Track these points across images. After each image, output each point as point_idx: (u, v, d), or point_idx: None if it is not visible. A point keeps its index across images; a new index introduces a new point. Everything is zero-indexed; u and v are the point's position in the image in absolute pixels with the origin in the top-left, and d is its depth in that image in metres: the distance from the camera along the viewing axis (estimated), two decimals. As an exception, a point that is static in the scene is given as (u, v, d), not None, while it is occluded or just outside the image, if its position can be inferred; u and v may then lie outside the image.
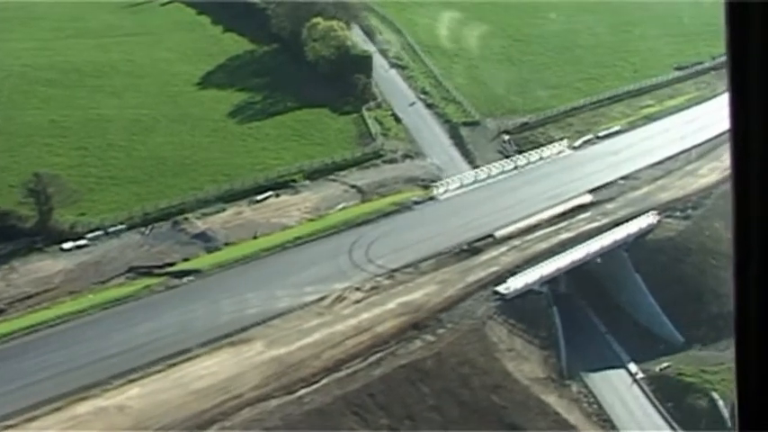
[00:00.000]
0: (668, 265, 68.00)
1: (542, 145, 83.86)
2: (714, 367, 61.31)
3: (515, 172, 77.71)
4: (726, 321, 64.48)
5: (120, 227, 71.84)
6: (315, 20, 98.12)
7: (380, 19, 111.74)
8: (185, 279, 64.34)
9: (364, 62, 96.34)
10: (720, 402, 58.77)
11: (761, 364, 3.60)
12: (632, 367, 62.68)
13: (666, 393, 60.33)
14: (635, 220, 69.66)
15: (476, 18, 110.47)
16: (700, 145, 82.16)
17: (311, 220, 73.41)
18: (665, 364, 62.11)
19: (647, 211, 71.31)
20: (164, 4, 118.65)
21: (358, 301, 60.79)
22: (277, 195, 77.27)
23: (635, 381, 61.84)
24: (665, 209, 72.39)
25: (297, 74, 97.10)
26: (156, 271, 67.60)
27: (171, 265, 68.54)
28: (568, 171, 77.40)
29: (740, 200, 3.52)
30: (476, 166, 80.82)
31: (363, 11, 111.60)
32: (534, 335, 60.93)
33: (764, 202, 3.47)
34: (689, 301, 66.05)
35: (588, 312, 66.97)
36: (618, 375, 62.55)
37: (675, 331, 65.20)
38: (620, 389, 61.56)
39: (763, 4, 3.32)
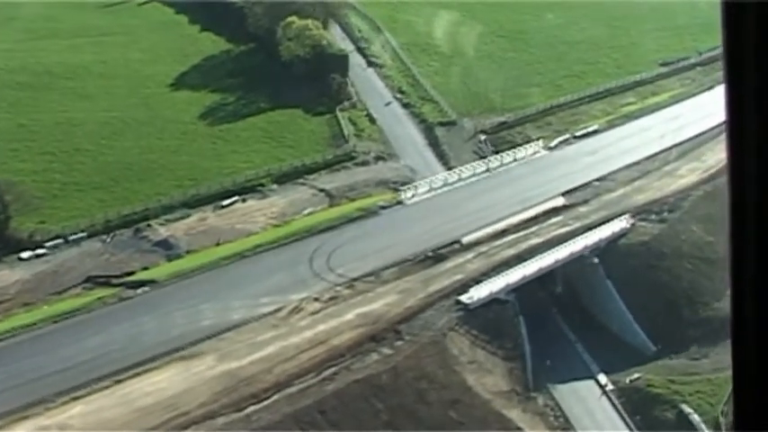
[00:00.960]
0: (641, 270, 65.64)
1: (519, 145, 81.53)
2: (686, 377, 59.09)
3: (487, 174, 75.37)
4: (699, 328, 62.33)
5: (80, 235, 69.97)
6: (289, 19, 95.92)
7: (361, 16, 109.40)
8: (140, 290, 62.36)
9: (340, 61, 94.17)
10: (695, 416, 56.48)
11: (758, 363, 3.60)
12: (601, 378, 60.42)
13: (636, 406, 58.07)
14: (607, 224, 67.29)
15: (459, 15, 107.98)
16: (680, 144, 79.66)
17: (276, 226, 71.38)
18: (636, 375, 59.81)
19: (621, 215, 68.91)
20: (141, 4, 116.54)
21: (315, 312, 58.78)
22: (243, 200, 75.28)
23: (604, 392, 59.60)
24: (641, 212, 69.96)
25: (272, 74, 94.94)
26: (114, 281, 65.85)
27: (130, 274, 66.71)
28: (542, 173, 75.03)
29: (736, 199, 3.50)
30: (450, 168, 78.60)
31: (343, 8, 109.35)
32: (498, 346, 58.76)
33: (761, 202, 3.45)
34: (662, 309, 63.72)
35: (558, 321, 64.70)
36: (587, 387, 60.35)
37: (648, 340, 62.89)
38: (588, 401, 59.36)
39: (758, 3, 3.33)
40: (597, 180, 73.87)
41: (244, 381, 53.36)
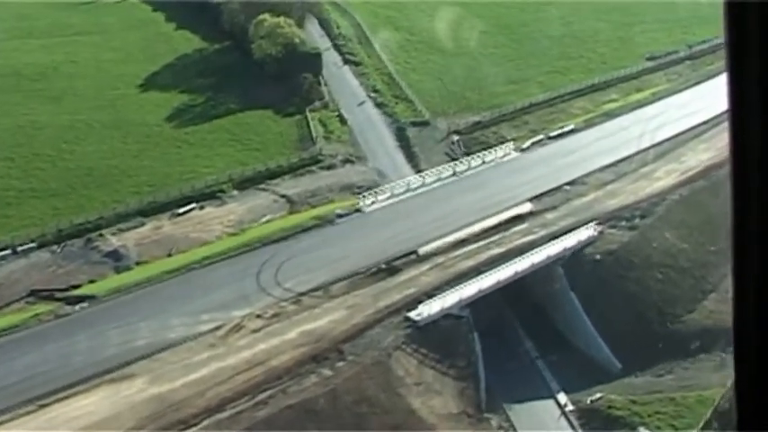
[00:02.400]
0: (608, 281, 62.06)
1: (493, 146, 78.05)
2: (648, 397, 55.61)
3: (453, 179, 71.91)
4: (667, 343, 58.96)
5: (30, 245, 67.43)
6: (261, 16, 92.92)
7: (341, 12, 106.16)
8: (78, 306, 59.70)
9: (313, 60, 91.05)
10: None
11: (759, 362, 3.57)
12: (561, 398, 57.05)
13: (595, 428, 54.68)
14: (573, 233, 63.69)
15: (440, 10, 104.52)
16: (659, 144, 75.88)
17: (232, 234, 68.52)
18: (598, 395, 56.39)
19: (590, 221, 65.28)
20: (119, 2, 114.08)
21: (256, 331, 55.82)
22: (201, 207, 72.43)
23: (563, 413, 56.24)
24: (611, 218, 66.24)
25: (244, 73, 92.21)
26: (58, 294, 63.33)
27: (75, 287, 64.19)
28: (511, 176, 71.47)
29: (739, 199, 3.49)
30: (420, 171, 75.38)
31: (323, 3, 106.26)
32: (450, 365, 55.50)
33: (764, 201, 3.45)
34: (628, 322, 60.18)
35: (517, 336, 61.31)
36: (545, 407, 56.98)
37: (612, 356, 59.39)
38: (546, 423, 55.99)
39: (759, 3, 3.33)
40: (568, 184, 70.20)
41: (173, 405, 50.55)
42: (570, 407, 56.25)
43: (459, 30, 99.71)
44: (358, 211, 67.69)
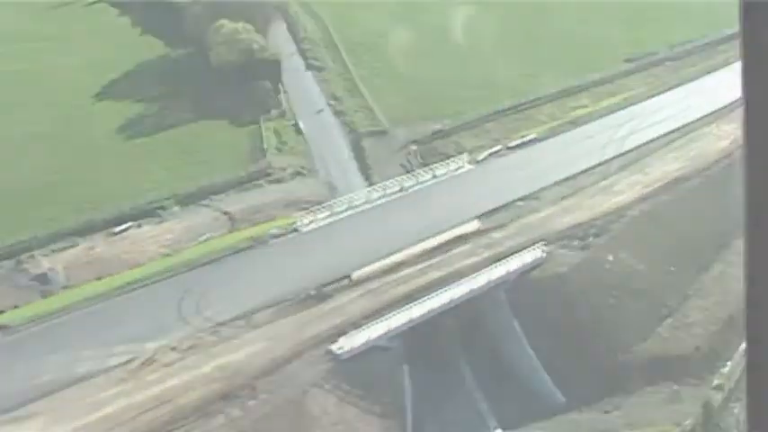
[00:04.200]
0: (555, 307, 57.83)
1: (452, 156, 73.91)
2: (591, 437, 51.55)
3: (399, 195, 67.89)
4: (616, 375, 54.74)
5: (-43, 269, 64.54)
6: (219, 22, 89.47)
7: (311, 14, 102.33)
8: (-11, 337, 56.67)
9: (272, 67, 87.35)
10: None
11: None
12: (497, 435, 53.16)
13: (530, 470, 50.78)
14: (518, 254, 59.49)
15: (413, 12, 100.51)
16: (625, 154, 71.39)
17: (165, 255, 65.13)
18: (537, 432, 52.45)
19: (540, 241, 61.04)
20: (89, 4, 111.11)
21: (169, 364, 52.37)
22: (139, 226, 69.13)
23: (498, 452, 52.35)
24: (562, 237, 61.95)
25: (204, 81, 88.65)
26: (-21, 322, 60.38)
27: (-1, 313, 61.32)
28: (462, 191, 67.25)
29: (751, 196, 3.38)
30: (372, 184, 71.55)
31: (293, 5, 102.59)
32: (374, 401, 51.69)
33: None
34: (574, 352, 55.95)
35: (454, 368, 57.25)
36: (481, 445, 53.10)
37: (555, 389, 55.26)
38: (479, 462, 52.15)
39: None
40: (521, 199, 65.94)
41: (69, 449, 47.29)
42: (506, 445, 52.29)
43: (432, 32, 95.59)
44: (295, 230, 63.88)
